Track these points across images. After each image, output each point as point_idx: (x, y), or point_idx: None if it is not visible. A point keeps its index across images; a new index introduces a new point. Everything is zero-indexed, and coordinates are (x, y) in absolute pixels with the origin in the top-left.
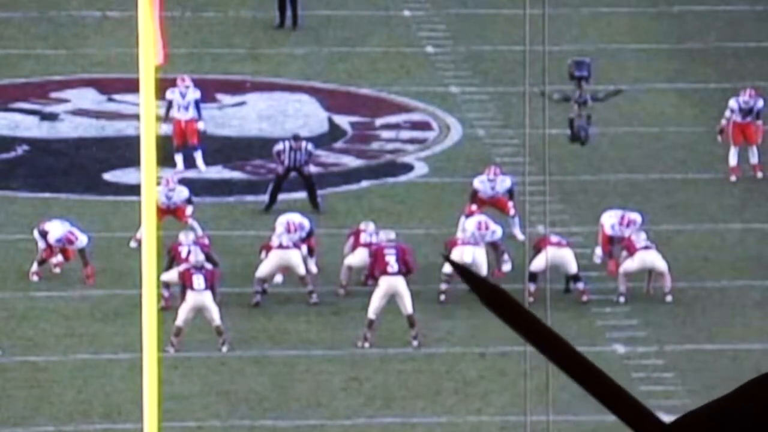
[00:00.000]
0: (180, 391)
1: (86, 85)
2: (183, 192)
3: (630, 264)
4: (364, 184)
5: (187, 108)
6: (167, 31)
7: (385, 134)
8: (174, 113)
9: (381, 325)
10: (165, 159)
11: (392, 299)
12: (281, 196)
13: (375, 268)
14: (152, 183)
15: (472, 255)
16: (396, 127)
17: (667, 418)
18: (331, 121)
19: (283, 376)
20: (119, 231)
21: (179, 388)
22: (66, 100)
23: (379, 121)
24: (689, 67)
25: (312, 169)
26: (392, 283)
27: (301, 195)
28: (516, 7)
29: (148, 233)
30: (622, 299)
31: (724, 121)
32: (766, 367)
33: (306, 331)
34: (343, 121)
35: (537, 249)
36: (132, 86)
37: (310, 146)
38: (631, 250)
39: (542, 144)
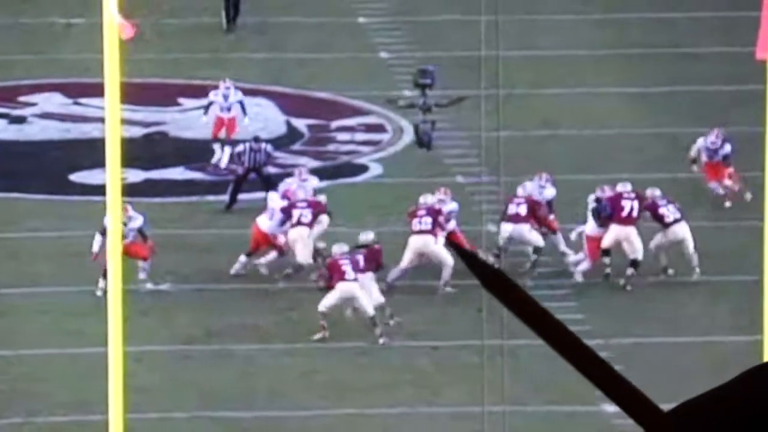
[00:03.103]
0: (144, 384)
1: (53, 90)
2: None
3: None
4: (323, 183)
5: (229, 109)
6: (132, 38)
7: (341, 136)
8: (216, 112)
9: (341, 320)
10: (130, 160)
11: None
12: (241, 196)
13: (332, 279)
14: (117, 183)
15: None
16: (351, 129)
17: (611, 409)
18: (289, 124)
19: (244, 369)
20: (85, 230)
21: (144, 381)
22: (34, 104)
23: (335, 124)
24: (635, 72)
25: (271, 169)
26: (347, 289)
27: (261, 195)
28: (468, 13)
29: (113, 231)
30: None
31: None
32: (709, 360)
33: (266, 326)
34: (301, 124)
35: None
36: (97, 90)
37: (269, 148)
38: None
39: (496, 145)
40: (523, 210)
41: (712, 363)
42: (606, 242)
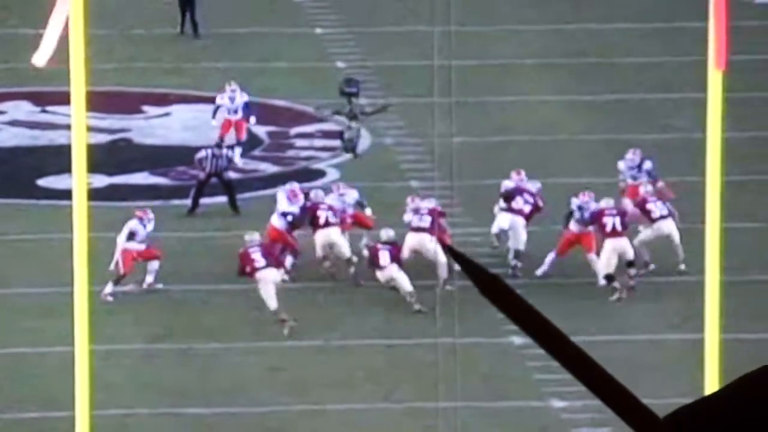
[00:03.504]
0: (110, 382)
1: (22, 98)
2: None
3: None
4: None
5: (236, 111)
6: (97, 48)
7: (300, 143)
8: (223, 115)
9: (301, 320)
10: (96, 166)
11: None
12: (203, 200)
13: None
14: (83, 188)
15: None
16: (309, 136)
17: (559, 404)
18: (249, 130)
19: (206, 367)
20: (53, 233)
21: (109, 379)
22: (3, 112)
23: (293, 131)
24: (579, 80)
25: (232, 175)
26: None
27: (222, 199)
28: (421, 24)
29: (79, 235)
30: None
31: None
32: (652, 357)
33: (228, 326)
34: (261, 130)
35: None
36: (64, 99)
37: (230, 154)
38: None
39: (449, 151)
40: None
41: (658, 360)
42: (605, 257)
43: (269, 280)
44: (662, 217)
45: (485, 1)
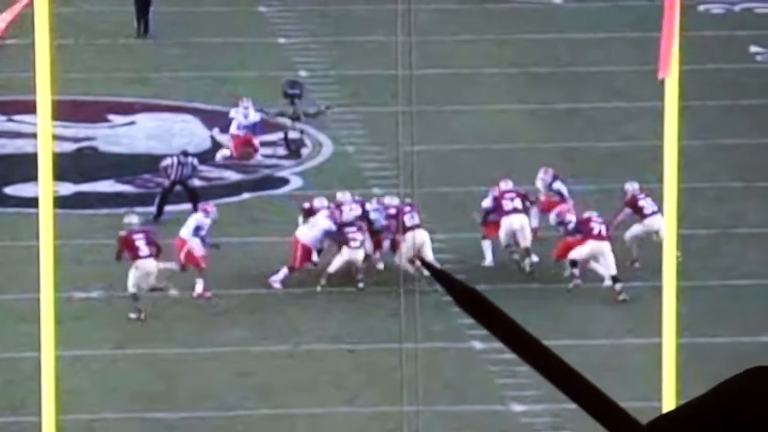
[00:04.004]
0: (76, 387)
1: None
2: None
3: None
4: (245, 196)
5: (247, 127)
6: (63, 57)
7: (263, 150)
8: (233, 130)
9: (267, 325)
10: (62, 174)
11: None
12: (167, 207)
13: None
14: (49, 196)
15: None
16: (273, 144)
17: (519, 408)
18: (213, 139)
19: (173, 372)
20: (20, 240)
21: (76, 383)
22: None
23: (257, 139)
24: (537, 89)
25: (196, 182)
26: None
27: (187, 206)
28: (383, 35)
29: (45, 242)
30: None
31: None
32: (612, 359)
33: (195, 329)
34: (225, 138)
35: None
36: (30, 108)
37: (195, 161)
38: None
39: (411, 159)
40: (518, 203)
41: (614, 364)
42: (579, 254)
43: (147, 270)
44: (653, 213)
45: (445, 12)
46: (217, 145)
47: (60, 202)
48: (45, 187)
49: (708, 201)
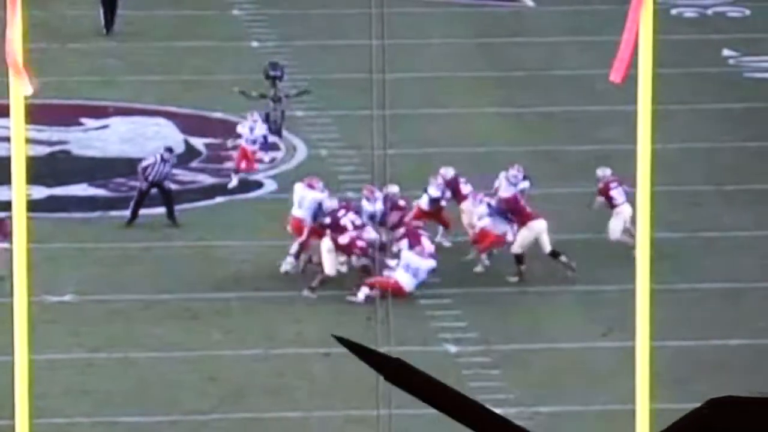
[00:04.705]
0: (50, 391)
1: None
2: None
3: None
4: (219, 200)
5: (254, 142)
6: (36, 61)
7: (237, 154)
8: (242, 143)
9: (238, 329)
10: (35, 178)
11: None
12: (141, 211)
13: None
14: (22, 199)
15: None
16: None
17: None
18: (187, 142)
19: (145, 376)
20: None
21: (49, 388)
22: None
23: (231, 143)
24: (513, 93)
25: (170, 186)
26: None
27: (160, 210)
28: (356, 37)
29: (18, 245)
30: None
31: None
32: (582, 363)
33: (167, 334)
34: (198, 142)
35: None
36: (3, 111)
37: (174, 159)
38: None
39: (385, 163)
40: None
41: (584, 369)
42: (521, 244)
43: None
44: (623, 203)
45: (419, 15)
46: (191, 149)
47: (33, 206)
48: (18, 191)
49: (681, 204)
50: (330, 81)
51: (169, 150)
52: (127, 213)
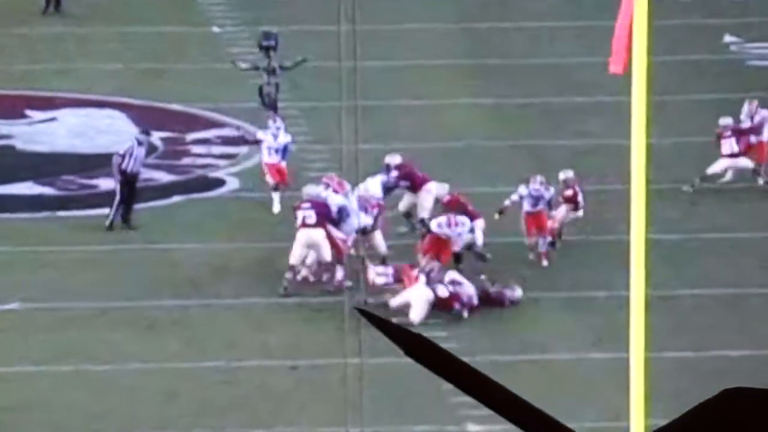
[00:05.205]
0: (7, 404)
1: None
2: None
3: None
4: (176, 199)
5: (278, 151)
6: None
7: (196, 149)
8: (265, 158)
9: (199, 340)
10: None
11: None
12: (95, 212)
13: None
14: None
15: None
16: (207, 142)
17: (475, 429)
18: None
19: (100, 389)
20: None
21: (6, 401)
22: None
23: (190, 137)
24: (491, 83)
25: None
26: None
27: (103, 211)
28: (326, 23)
29: None
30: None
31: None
32: (571, 375)
33: (123, 344)
34: (154, 137)
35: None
36: None
37: (147, 145)
38: None
39: (355, 159)
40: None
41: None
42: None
43: None
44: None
45: None
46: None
47: None
48: None
49: (677, 203)
50: (297, 70)
51: (146, 132)
52: (77, 213)
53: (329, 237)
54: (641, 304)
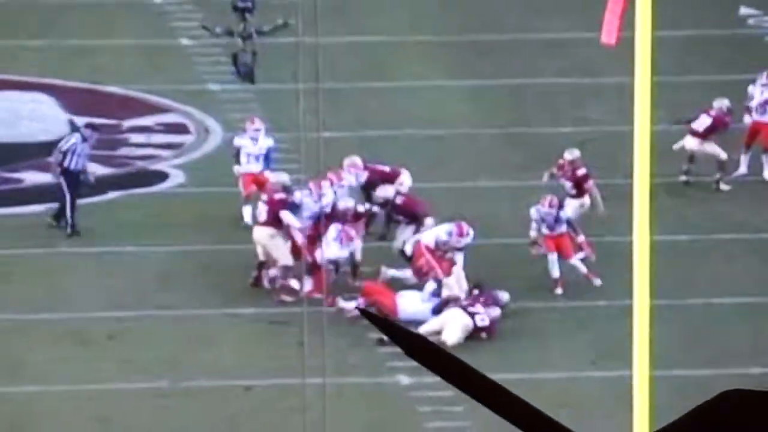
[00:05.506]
0: None
1: None
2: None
3: None
4: (112, 195)
5: (258, 158)
6: None
7: (135, 138)
8: (243, 165)
9: (138, 357)
10: None
11: None
12: (19, 209)
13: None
14: None
15: None
16: (147, 130)
17: None
18: (72, 123)
19: (22, 413)
20: None
21: None
22: None
23: (127, 124)
24: (476, 62)
25: (49, 177)
26: None
27: (40, 208)
28: None
29: None
30: None
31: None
32: (563, 395)
33: (48, 362)
34: (80, 122)
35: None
36: None
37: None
38: None
39: (318, 148)
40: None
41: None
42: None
43: None
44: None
45: None
46: (76, 131)
47: None
48: None
49: (688, 200)
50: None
51: (92, 127)
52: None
53: (291, 239)
54: (645, 314)
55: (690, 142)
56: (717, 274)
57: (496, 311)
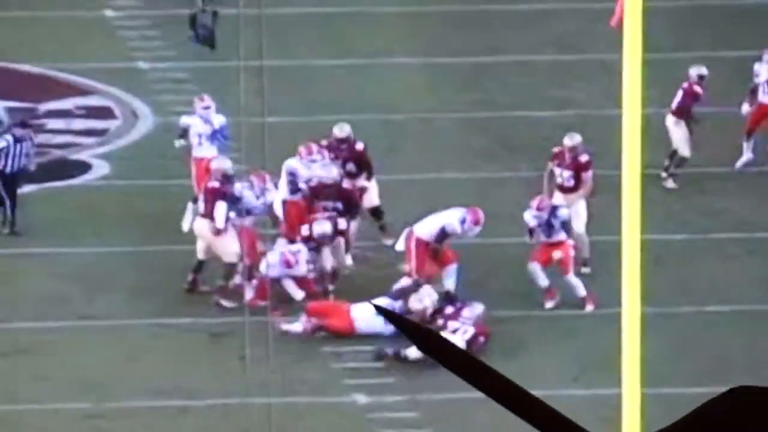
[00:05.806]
0: None
1: None
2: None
3: None
4: (27, 188)
5: (209, 138)
6: None
7: (53, 124)
8: (195, 149)
9: (56, 374)
10: None
11: None
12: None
13: None
14: None
15: None
16: (67, 114)
17: None
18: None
19: None
20: None
21: None
22: None
23: (43, 107)
24: (446, 35)
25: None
26: None
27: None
28: None
29: None
30: None
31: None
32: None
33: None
34: None
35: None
36: None
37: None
38: None
39: (262, 135)
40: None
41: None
42: None
43: None
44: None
45: None
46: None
47: None
48: None
49: (683, 194)
50: (183, 19)
51: (23, 125)
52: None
53: (242, 234)
54: (635, 324)
55: (669, 123)
56: (715, 277)
57: (470, 330)
